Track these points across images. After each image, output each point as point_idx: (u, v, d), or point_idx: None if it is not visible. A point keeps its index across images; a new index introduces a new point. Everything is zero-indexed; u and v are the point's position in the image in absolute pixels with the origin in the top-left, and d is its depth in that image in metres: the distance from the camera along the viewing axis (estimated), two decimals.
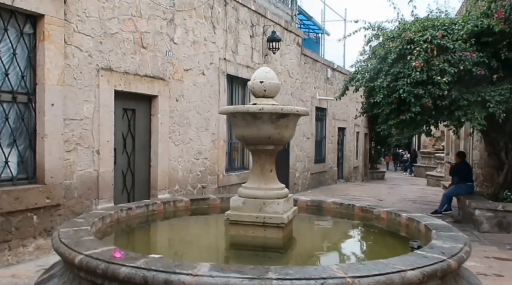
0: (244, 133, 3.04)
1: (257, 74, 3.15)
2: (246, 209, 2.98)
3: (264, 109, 2.88)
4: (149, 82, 6.35)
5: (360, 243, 3.54)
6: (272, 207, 2.95)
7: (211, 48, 7.82)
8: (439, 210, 8.18)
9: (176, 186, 7.00)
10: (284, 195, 3.08)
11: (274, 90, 3.11)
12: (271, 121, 2.94)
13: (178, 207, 3.89)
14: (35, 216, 4.84)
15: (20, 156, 4.82)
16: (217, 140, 8.02)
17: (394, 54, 6.46)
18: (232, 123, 3.19)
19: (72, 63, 5.21)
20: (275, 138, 3.01)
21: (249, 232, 2.95)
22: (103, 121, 5.63)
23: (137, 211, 3.58)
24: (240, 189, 3.16)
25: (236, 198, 3.08)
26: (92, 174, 5.51)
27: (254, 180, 3.12)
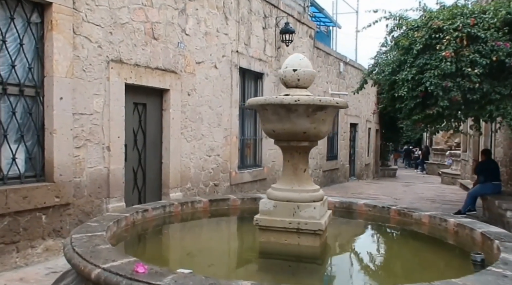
0: (275, 128, 2.74)
1: (290, 62, 2.85)
2: (278, 214, 2.69)
3: (301, 100, 2.58)
4: (160, 75, 6.07)
5: (406, 252, 3.13)
6: (307, 211, 2.66)
7: (224, 40, 7.51)
8: (462, 210, 7.84)
9: (188, 184, 6.73)
10: (320, 198, 2.79)
11: (308, 79, 2.81)
12: (307, 115, 2.64)
13: (196, 209, 3.62)
14: (44, 216, 4.59)
15: (28, 152, 4.56)
16: (229, 136, 7.74)
17: (420, 45, 6.10)
18: (261, 116, 2.88)
19: (81, 54, 4.94)
20: (311, 133, 2.71)
21: (281, 239, 2.67)
22: (114, 116, 5.36)
23: (154, 213, 3.31)
24: (269, 191, 2.87)
25: (266, 201, 2.79)
26: (102, 172, 5.25)
27: (286, 181, 2.82)
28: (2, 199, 4.14)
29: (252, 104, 2.86)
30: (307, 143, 2.81)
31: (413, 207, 3.54)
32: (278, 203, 2.74)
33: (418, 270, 2.58)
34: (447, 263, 2.46)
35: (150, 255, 2.72)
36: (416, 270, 2.61)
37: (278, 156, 9.52)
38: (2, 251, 4.19)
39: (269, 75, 9.02)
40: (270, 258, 2.69)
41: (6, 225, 4.23)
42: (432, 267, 2.53)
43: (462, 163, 15.24)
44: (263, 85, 8.88)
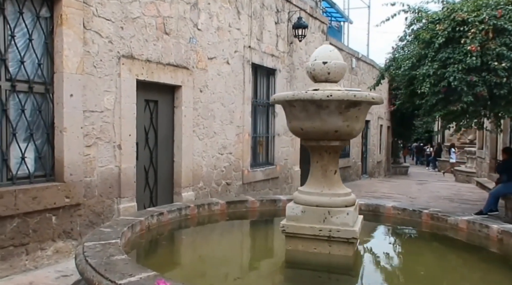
0: (303, 126, 2.53)
1: (319, 54, 2.63)
2: (307, 219, 2.49)
3: (333, 95, 2.37)
4: (172, 71, 5.89)
5: (447, 263, 2.80)
6: (340, 217, 2.45)
7: (236, 35, 7.31)
8: (484, 211, 7.57)
9: (200, 183, 6.56)
10: (353, 202, 2.58)
11: (339, 72, 2.60)
12: (339, 111, 2.43)
13: (213, 211, 3.44)
14: (54, 217, 4.44)
15: (38, 151, 4.41)
16: (241, 133, 7.55)
17: (442, 38, 5.84)
18: (288, 113, 2.67)
19: (92, 50, 4.77)
20: (343, 132, 2.50)
21: (310, 248, 2.46)
22: (125, 113, 5.20)
23: (169, 216, 3.13)
24: (296, 194, 2.67)
25: (293, 206, 2.58)
26: (113, 171, 5.09)
27: (314, 183, 2.62)
28: (11, 200, 4.00)
29: (279, 99, 2.64)
30: (338, 142, 2.60)
31: (446, 211, 3.31)
32: (306, 208, 2.53)
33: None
34: (503, 278, 2.23)
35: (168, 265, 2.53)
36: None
37: (290, 154, 9.31)
38: (11, 253, 4.06)
39: (281, 71, 8.81)
40: (298, 268, 2.49)
41: (16, 226, 4.09)
42: (485, 282, 2.30)
43: (477, 160, 14.90)
44: (276, 81, 8.67)
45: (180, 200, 6.10)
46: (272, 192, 8.62)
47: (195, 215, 3.30)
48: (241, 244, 3.09)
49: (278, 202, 3.70)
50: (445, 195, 10.72)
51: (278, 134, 8.77)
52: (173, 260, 2.71)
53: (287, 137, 9.14)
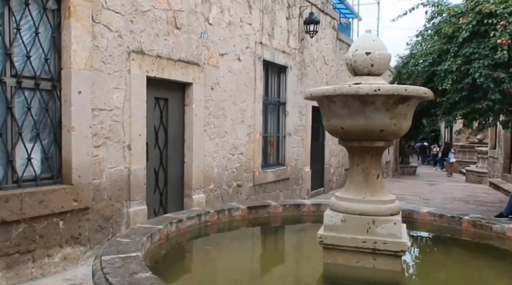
0: (344, 124, 2.27)
1: (361, 43, 2.36)
2: (348, 230, 2.23)
3: (382, 89, 2.11)
4: (183, 67, 5.63)
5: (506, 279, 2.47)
6: (386, 227, 2.20)
7: (247, 30, 7.05)
8: (505, 213, 7.28)
9: (211, 185, 6.31)
10: (398, 210, 2.32)
11: (384, 65, 2.34)
12: (387, 108, 2.17)
13: (234, 217, 3.19)
14: (62, 221, 4.20)
15: (44, 152, 4.17)
16: (252, 133, 7.29)
17: (466, 32, 5.56)
18: (326, 110, 2.40)
19: (101, 44, 4.52)
20: (389, 131, 2.24)
21: (352, 261, 2.21)
22: (135, 111, 4.95)
23: (188, 223, 2.88)
24: (334, 201, 2.41)
25: (332, 214, 2.32)
26: (123, 173, 4.84)
27: (355, 189, 2.36)
28: (16, 204, 3.75)
29: (316, 95, 2.36)
30: (383, 143, 2.34)
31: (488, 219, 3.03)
32: (347, 217, 2.28)
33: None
34: None
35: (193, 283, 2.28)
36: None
37: (301, 154, 9.06)
38: (17, 261, 3.82)
39: (292, 68, 8.54)
40: (338, 284, 2.24)
41: (21, 232, 3.85)
42: None
43: (489, 160, 14.60)
44: (287, 79, 8.41)
45: (191, 202, 5.85)
46: (282, 194, 8.37)
47: (215, 222, 3.05)
48: (271, 256, 2.83)
49: (302, 207, 3.45)
50: (460, 197, 10.43)
51: (289, 133, 8.51)
52: (198, 276, 2.45)
53: (297, 137, 8.88)
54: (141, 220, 5.00)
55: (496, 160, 13.69)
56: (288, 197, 8.59)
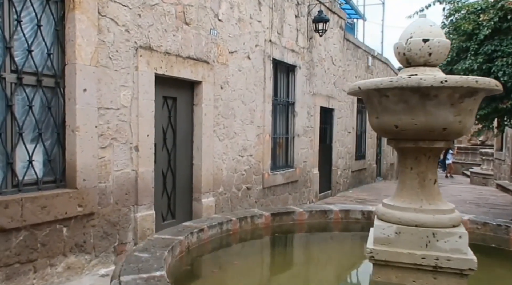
0: (400, 121, 1.99)
1: (416, 29, 2.07)
2: (403, 244, 1.95)
3: (449, 81, 1.83)
4: (192, 65, 5.35)
5: None
6: (449, 241, 1.91)
7: (257, 28, 6.78)
8: None
9: (220, 188, 6.02)
10: (459, 221, 2.04)
11: (443, 54, 2.06)
12: (451, 103, 1.90)
13: (256, 225, 2.90)
14: (65, 228, 3.90)
15: (47, 153, 3.87)
16: (262, 134, 7.01)
17: (488, 29, 5.31)
18: (376, 106, 2.11)
19: (107, 39, 4.24)
20: (453, 129, 1.96)
21: (408, 280, 1.92)
22: (142, 111, 4.66)
23: (209, 232, 2.60)
24: (383, 209, 2.12)
25: (383, 225, 2.04)
26: (130, 176, 4.55)
27: (409, 196, 2.07)
28: (17, 210, 3.46)
29: (366, 88, 2.07)
30: (443, 143, 2.06)
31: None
32: (402, 229, 1.99)
33: None
34: None
35: None
36: None
37: (309, 156, 8.78)
38: (17, 272, 3.52)
39: (301, 67, 8.28)
40: None
41: (22, 240, 3.55)
42: None
43: (495, 162, 14.37)
44: (295, 78, 8.14)
45: (200, 207, 5.57)
46: (291, 197, 8.09)
47: (237, 230, 2.77)
48: (308, 271, 2.54)
49: (330, 213, 3.18)
50: (470, 199, 10.16)
51: (298, 134, 8.24)
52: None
53: (306, 138, 8.61)
54: (149, 226, 4.72)
55: (502, 162, 13.45)
56: (296, 200, 8.31)
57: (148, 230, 4.71)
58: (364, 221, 3.13)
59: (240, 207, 6.48)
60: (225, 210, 6.10)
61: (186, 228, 2.53)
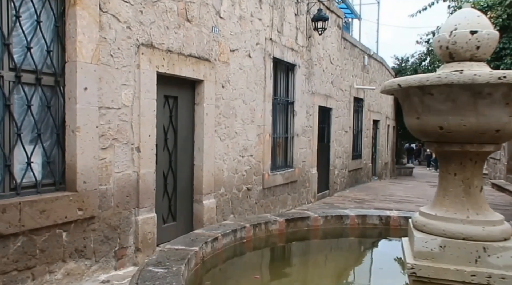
0: (445, 123, 1.83)
1: (461, 20, 1.89)
2: (449, 259, 1.79)
3: (508, 77, 1.67)
4: (194, 63, 5.21)
5: None
6: (502, 256, 1.76)
7: (258, 26, 6.66)
8: None
9: (221, 189, 5.90)
10: (510, 233, 1.89)
11: (492, 47, 1.91)
12: (506, 102, 1.74)
13: (270, 231, 2.78)
14: (65, 233, 3.75)
15: (46, 155, 3.71)
16: (262, 134, 6.90)
17: (496, 27, 5.26)
18: (416, 106, 1.95)
19: (109, 36, 4.08)
20: (507, 131, 1.81)
21: None
22: (144, 110, 4.51)
23: (224, 241, 2.47)
24: (424, 220, 1.98)
25: (425, 238, 1.88)
26: (131, 177, 4.41)
27: (452, 205, 1.92)
28: (15, 215, 3.30)
29: (408, 85, 1.88)
30: (493, 147, 1.92)
31: None
32: (448, 242, 1.84)
33: None
34: None
35: None
36: None
37: (308, 156, 8.70)
38: (14, 279, 3.36)
39: (300, 66, 8.18)
40: None
41: (20, 246, 3.39)
42: None
43: (490, 162, 14.47)
44: (295, 77, 8.04)
45: (201, 208, 5.44)
46: (290, 197, 8.00)
47: (251, 238, 2.66)
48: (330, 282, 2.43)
49: (345, 218, 3.08)
50: None
51: (297, 134, 8.15)
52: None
53: (305, 137, 8.52)
54: (150, 229, 4.58)
55: (498, 162, 13.56)
56: (295, 200, 8.23)
57: (149, 233, 4.57)
58: (382, 227, 3.04)
59: (241, 208, 6.36)
60: (226, 212, 5.99)
61: (199, 237, 2.40)
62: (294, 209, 8.14)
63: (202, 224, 5.44)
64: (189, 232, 5.40)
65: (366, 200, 9.61)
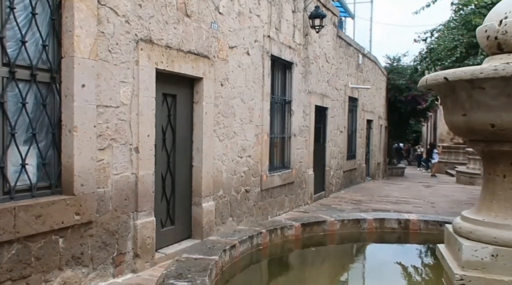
0: (498, 119, 1.68)
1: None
2: (503, 269, 1.65)
3: None
4: (193, 60, 5.02)
5: None
6: None
7: (256, 23, 6.50)
8: None
9: (220, 191, 5.72)
10: None
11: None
12: None
13: (286, 237, 2.63)
14: (61, 239, 3.53)
15: (41, 156, 3.48)
16: (260, 134, 6.74)
17: None
18: (463, 101, 1.80)
19: (107, 30, 3.87)
20: None
21: None
22: (143, 109, 4.31)
23: (241, 248, 2.31)
24: (470, 226, 1.84)
25: (475, 246, 1.74)
26: (129, 180, 4.20)
27: (502, 210, 1.78)
28: (9, 221, 3.07)
29: (457, 78, 1.72)
30: None
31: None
32: (500, 251, 1.70)
33: None
34: None
35: None
36: None
37: (304, 157, 8.58)
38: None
39: (298, 65, 8.04)
40: None
41: (14, 254, 3.16)
42: None
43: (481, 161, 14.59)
44: (292, 76, 7.90)
45: (200, 211, 5.26)
46: (288, 199, 7.86)
47: (267, 244, 2.50)
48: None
49: (363, 222, 2.95)
50: (463, 200, 10.20)
51: (294, 134, 8.01)
52: None
53: (301, 137, 8.39)
54: (150, 234, 4.38)
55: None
56: (292, 202, 8.09)
57: (148, 238, 4.37)
58: (400, 231, 2.92)
59: (239, 211, 6.20)
60: (225, 215, 5.82)
61: (216, 244, 2.24)
62: (291, 211, 8.01)
63: (201, 228, 5.26)
64: (187, 236, 5.25)
65: (362, 201, 9.53)
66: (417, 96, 16.74)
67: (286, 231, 2.67)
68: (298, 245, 2.66)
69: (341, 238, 2.79)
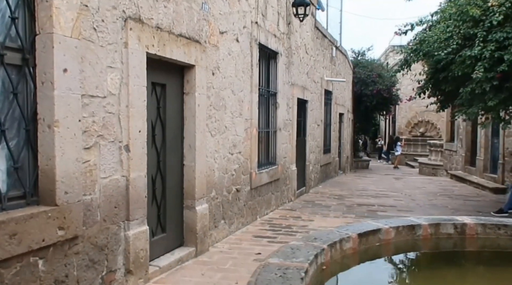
0: None
1: None
2: None
3: None
4: (185, 45, 4.40)
5: None
6: None
7: (244, 7, 5.95)
8: (505, 209, 7.09)
9: (212, 192, 5.15)
10: None
11: None
12: None
13: (345, 251, 2.16)
14: (41, 260, 2.83)
15: (12, 158, 2.75)
16: (249, 128, 6.22)
17: (500, 15, 5.05)
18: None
19: (91, 3, 3.17)
20: None
21: None
22: (133, 100, 3.65)
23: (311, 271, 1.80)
24: None
25: None
26: (119, 183, 3.53)
27: None
28: None
29: None
30: None
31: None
32: None
33: None
34: None
35: None
36: None
37: (288, 152, 8.17)
38: None
39: (282, 55, 7.58)
40: None
41: None
42: None
43: (445, 153, 14.98)
44: (277, 66, 7.43)
45: (194, 216, 4.67)
46: (274, 197, 7.42)
47: (329, 263, 2.02)
48: None
49: (418, 229, 2.55)
50: (437, 191, 10.30)
51: (280, 128, 7.56)
52: None
53: (286, 132, 7.96)
54: (143, 246, 3.75)
55: (454, 153, 14.03)
56: (278, 199, 7.66)
57: (141, 251, 3.74)
58: (456, 236, 2.56)
59: (231, 212, 5.66)
60: (217, 218, 5.26)
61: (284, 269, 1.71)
62: (277, 209, 7.58)
63: (195, 234, 4.67)
64: (179, 244, 4.63)
65: (344, 196, 9.31)
66: (382, 90, 16.98)
67: (344, 244, 2.20)
68: (355, 259, 2.22)
69: (396, 247, 2.41)
